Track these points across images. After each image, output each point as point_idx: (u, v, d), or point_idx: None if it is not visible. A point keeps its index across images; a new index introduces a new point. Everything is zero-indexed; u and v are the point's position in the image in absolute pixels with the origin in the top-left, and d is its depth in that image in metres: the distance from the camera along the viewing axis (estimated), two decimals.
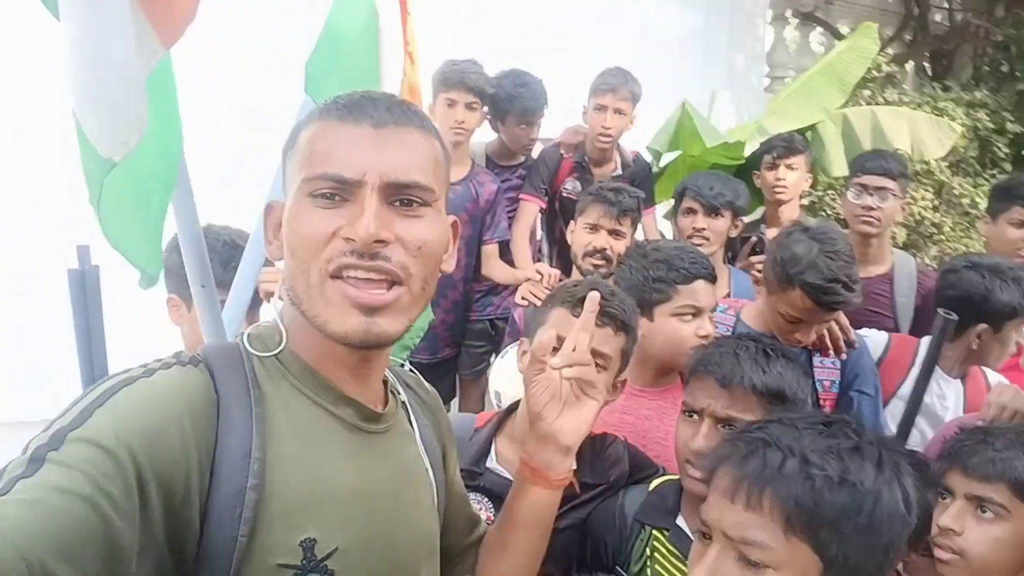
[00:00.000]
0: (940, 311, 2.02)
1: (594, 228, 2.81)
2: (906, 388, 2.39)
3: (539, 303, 2.23)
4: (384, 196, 0.97)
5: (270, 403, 0.99)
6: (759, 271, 2.90)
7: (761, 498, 1.07)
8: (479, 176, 3.47)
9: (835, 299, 2.17)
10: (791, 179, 3.44)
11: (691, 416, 1.70)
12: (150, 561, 0.84)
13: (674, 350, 2.06)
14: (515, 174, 3.73)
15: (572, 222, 2.93)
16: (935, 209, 5.71)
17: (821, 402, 2.35)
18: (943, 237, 5.75)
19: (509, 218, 3.61)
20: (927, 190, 5.59)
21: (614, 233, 2.80)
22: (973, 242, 5.74)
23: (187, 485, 0.88)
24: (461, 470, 1.66)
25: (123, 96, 1.35)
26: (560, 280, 2.96)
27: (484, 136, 3.73)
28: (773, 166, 3.45)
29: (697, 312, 2.13)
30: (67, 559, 0.73)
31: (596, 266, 2.77)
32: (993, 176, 5.88)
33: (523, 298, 2.99)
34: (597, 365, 1.62)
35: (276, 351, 1.03)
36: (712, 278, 2.19)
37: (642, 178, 3.76)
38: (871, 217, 2.95)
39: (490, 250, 3.49)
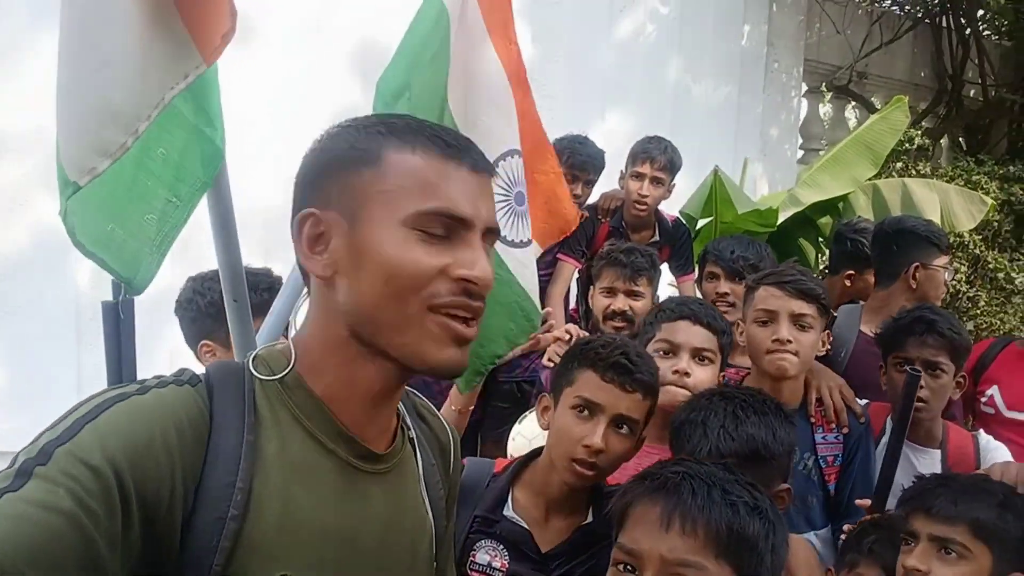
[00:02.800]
0: (908, 368, 1.92)
1: (610, 291, 2.84)
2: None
3: None
4: (482, 239, 1.00)
5: (264, 430, 0.97)
6: None
7: (696, 525, 1.20)
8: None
9: None
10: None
11: None
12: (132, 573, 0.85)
13: None
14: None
15: (591, 287, 2.97)
16: (970, 283, 5.70)
17: (826, 477, 2.27)
18: (978, 312, 5.72)
19: (546, 278, 3.65)
20: (961, 263, 5.59)
21: (631, 294, 2.82)
22: (1009, 317, 5.71)
23: (170, 505, 0.88)
24: (477, 516, 1.73)
25: (94, 122, 1.34)
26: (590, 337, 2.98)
27: None
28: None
29: (672, 349, 2.12)
30: (45, 573, 0.76)
31: (617, 328, 2.78)
32: None
33: (549, 360, 2.96)
34: (625, 429, 1.72)
35: (281, 375, 1.00)
36: (705, 323, 2.14)
37: (682, 244, 3.81)
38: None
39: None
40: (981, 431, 2.46)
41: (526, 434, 2.36)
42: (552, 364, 2.89)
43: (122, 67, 1.32)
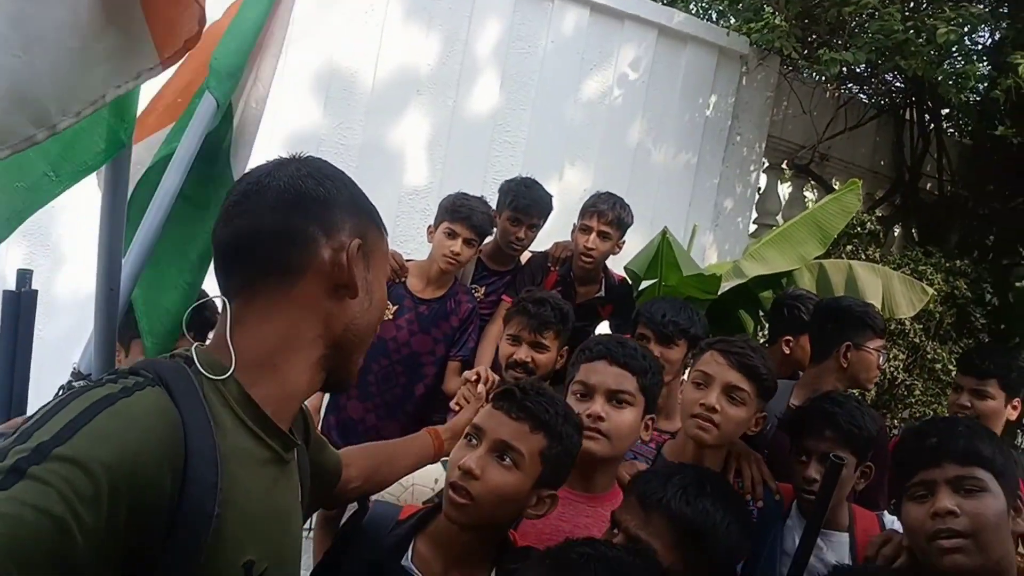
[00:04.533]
0: (831, 455, 1.87)
1: (515, 340, 2.80)
2: (787, 543, 2.27)
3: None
4: None
5: (219, 429, 1.03)
6: None
7: None
8: (458, 295, 3.53)
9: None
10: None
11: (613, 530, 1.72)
12: None
13: None
14: (503, 280, 3.79)
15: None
16: (908, 371, 5.76)
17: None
18: (913, 400, 5.77)
19: (487, 316, 3.64)
20: (900, 351, 5.65)
21: (535, 346, 2.79)
22: (943, 408, 5.76)
23: (157, 510, 0.92)
24: (373, 563, 1.65)
25: (30, 87, 1.15)
26: (495, 386, 2.95)
27: None
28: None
29: (587, 391, 2.05)
30: (28, 572, 0.78)
31: (517, 379, 2.71)
32: (969, 344, 5.95)
33: (456, 404, 2.87)
34: (508, 461, 1.63)
35: (226, 375, 1.08)
36: (622, 363, 2.06)
37: (624, 303, 3.81)
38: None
39: (453, 366, 3.50)
40: (886, 512, 2.45)
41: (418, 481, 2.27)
42: (459, 408, 2.83)
43: (47, 53, 1.14)
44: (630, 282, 4.00)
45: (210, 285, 1.60)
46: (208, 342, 1.16)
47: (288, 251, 1.12)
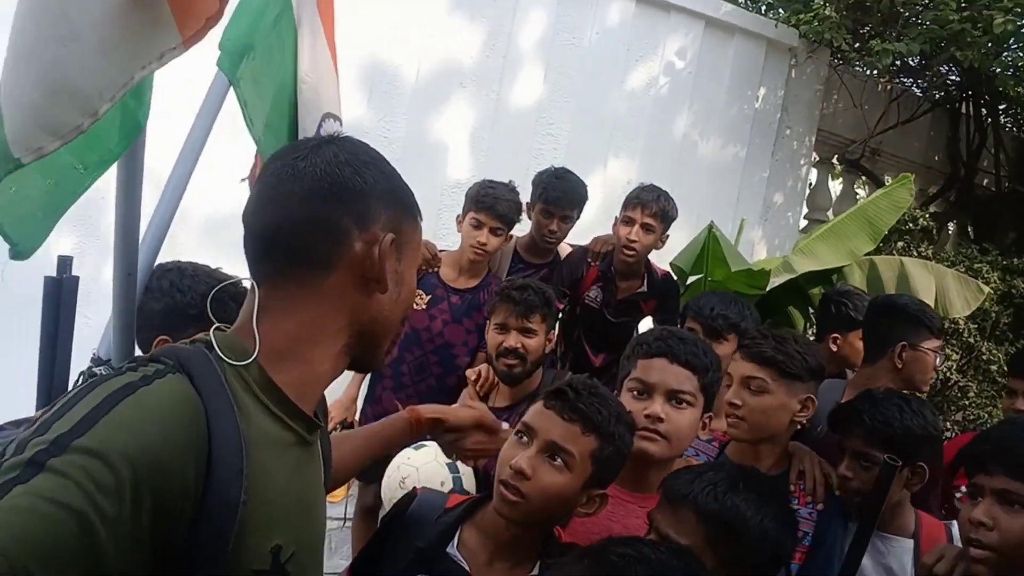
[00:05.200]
0: (885, 457, 1.80)
1: (503, 328, 2.79)
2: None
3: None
4: None
5: (243, 415, 1.01)
6: None
7: None
8: (491, 287, 3.49)
9: None
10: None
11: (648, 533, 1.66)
12: (133, 571, 0.86)
13: None
14: (540, 273, 3.73)
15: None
16: (962, 372, 5.61)
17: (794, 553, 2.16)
18: (967, 402, 5.62)
19: None
20: (954, 351, 5.50)
21: (523, 331, 2.78)
22: (998, 410, 5.60)
23: (182, 499, 0.91)
24: (419, 549, 1.64)
25: (40, 97, 1.23)
26: (495, 384, 2.96)
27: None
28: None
29: (645, 389, 1.97)
30: (49, 567, 0.77)
31: (509, 365, 2.76)
32: None
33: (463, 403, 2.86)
34: (559, 461, 1.61)
35: (249, 360, 1.05)
36: (683, 360, 1.97)
37: (668, 298, 3.74)
38: None
39: (482, 358, 3.41)
40: (954, 521, 2.36)
41: (414, 463, 2.33)
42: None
43: (91, 42, 1.21)
44: (675, 277, 3.94)
45: (231, 267, 1.59)
46: (232, 327, 1.13)
47: (321, 243, 1.09)
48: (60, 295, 1.74)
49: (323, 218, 1.09)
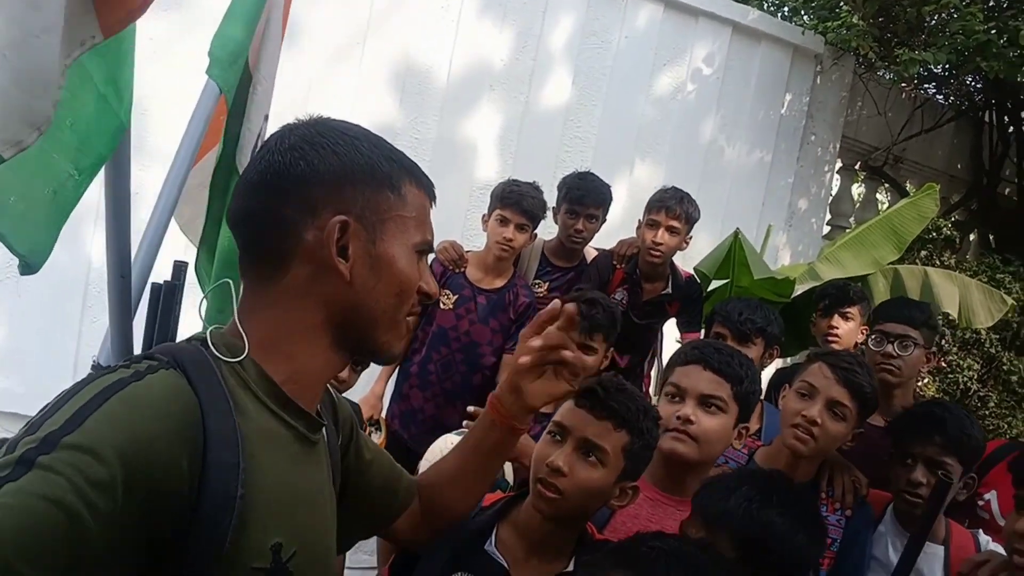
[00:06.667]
0: (940, 473, 1.84)
1: None
2: (878, 550, 2.27)
3: None
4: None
5: (239, 411, 1.00)
6: None
7: None
8: (517, 288, 3.56)
9: None
10: (844, 329, 3.38)
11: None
12: (127, 566, 0.87)
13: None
14: (567, 277, 3.80)
15: None
16: (982, 383, 5.61)
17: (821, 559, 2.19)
18: (987, 412, 5.62)
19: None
20: (975, 361, 5.51)
21: (584, 348, 2.71)
22: (1018, 421, 5.61)
23: (177, 494, 0.90)
24: (457, 547, 1.69)
25: (17, 89, 1.18)
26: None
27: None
28: (827, 314, 3.43)
29: (679, 393, 2.04)
30: (38, 564, 0.77)
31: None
32: None
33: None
34: (593, 458, 1.68)
35: (240, 358, 1.05)
36: (715, 368, 2.04)
37: (691, 301, 3.80)
38: (891, 365, 2.84)
39: (507, 360, 3.50)
40: (981, 531, 2.40)
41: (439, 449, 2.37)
42: None
43: (56, 32, 1.19)
44: (698, 280, 3.98)
45: None
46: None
47: (268, 237, 1.07)
48: (168, 301, 1.76)
49: (265, 210, 1.06)
